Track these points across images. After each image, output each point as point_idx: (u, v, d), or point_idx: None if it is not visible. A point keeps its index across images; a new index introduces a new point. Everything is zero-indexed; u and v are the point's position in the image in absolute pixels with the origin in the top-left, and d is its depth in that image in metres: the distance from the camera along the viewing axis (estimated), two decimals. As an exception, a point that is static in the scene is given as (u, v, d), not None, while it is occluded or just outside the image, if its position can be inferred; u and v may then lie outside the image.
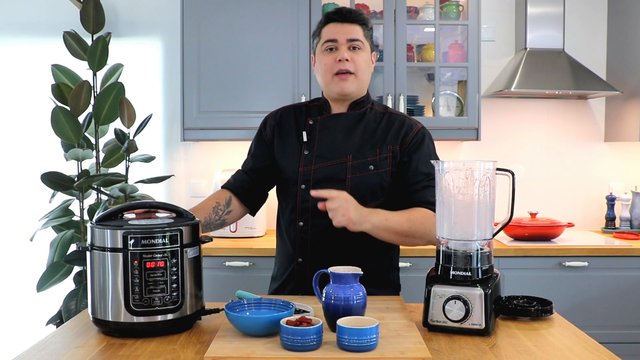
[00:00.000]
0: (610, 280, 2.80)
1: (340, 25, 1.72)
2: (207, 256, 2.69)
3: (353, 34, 1.72)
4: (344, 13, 1.73)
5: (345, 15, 1.73)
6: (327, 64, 1.72)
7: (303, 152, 1.76)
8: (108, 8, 3.18)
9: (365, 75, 1.76)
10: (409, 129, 1.76)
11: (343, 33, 1.71)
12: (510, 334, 1.40)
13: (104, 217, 1.42)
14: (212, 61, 2.98)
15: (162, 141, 3.34)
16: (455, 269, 1.40)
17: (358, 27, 1.73)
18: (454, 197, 1.41)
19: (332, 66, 1.71)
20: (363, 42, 1.73)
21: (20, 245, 3.20)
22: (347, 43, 1.71)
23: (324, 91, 1.80)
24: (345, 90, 1.73)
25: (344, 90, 1.72)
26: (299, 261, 1.75)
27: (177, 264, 1.37)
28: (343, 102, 1.79)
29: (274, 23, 2.97)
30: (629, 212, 3.22)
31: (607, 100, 3.36)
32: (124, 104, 2.81)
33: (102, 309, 1.36)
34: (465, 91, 3.03)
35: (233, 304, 1.38)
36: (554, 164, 3.38)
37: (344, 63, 1.70)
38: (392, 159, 1.73)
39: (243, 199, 1.84)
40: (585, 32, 3.35)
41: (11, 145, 3.34)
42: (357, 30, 1.73)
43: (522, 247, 2.79)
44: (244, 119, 2.98)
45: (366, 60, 1.75)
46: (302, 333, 1.20)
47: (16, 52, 3.32)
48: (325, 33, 1.74)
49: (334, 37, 1.72)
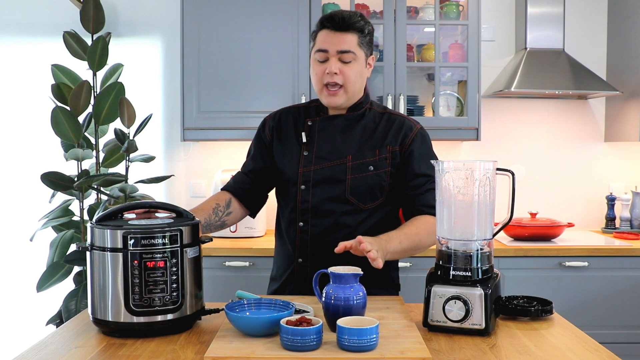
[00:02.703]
0: (610, 280, 2.80)
1: (333, 34, 1.67)
2: (207, 256, 2.69)
3: (344, 45, 1.67)
4: (336, 21, 1.66)
5: (338, 24, 1.66)
6: (318, 74, 1.71)
7: (302, 153, 1.76)
8: (108, 8, 3.18)
9: (356, 86, 1.73)
10: (408, 130, 1.76)
11: (334, 43, 1.67)
12: (510, 334, 1.40)
13: (104, 217, 1.42)
14: (212, 61, 2.98)
15: (162, 141, 3.34)
16: (455, 269, 1.40)
17: (352, 35, 1.67)
18: (454, 197, 1.41)
19: (322, 77, 1.70)
20: (355, 53, 1.68)
21: (20, 245, 3.20)
22: (337, 55, 1.67)
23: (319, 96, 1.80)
24: (333, 104, 1.73)
25: (331, 103, 1.73)
26: (299, 262, 1.75)
27: (177, 264, 1.37)
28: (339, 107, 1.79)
29: (274, 23, 2.97)
30: (629, 212, 3.22)
31: (607, 100, 3.36)
32: (124, 104, 2.81)
33: (102, 309, 1.36)
34: (465, 91, 3.03)
35: (233, 304, 1.38)
36: (554, 164, 3.38)
37: (332, 76, 1.68)
38: (391, 160, 1.73)
39: (243, 200, 1.84)
40: (585, 32, 3.35)
41: (11, 145, 3.34)
42: (349, 40, 1.67)
43: (522, 247, 2.79)
44: (243, 119, 2.98)
45: (357, 72, 1.71)
46: (302, 333, 1.20)
47: (16, 52, 3.32)
48: (318, 41, 1.71)
49: (325, 47, 1.68)
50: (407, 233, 1.64)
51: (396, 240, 1.59)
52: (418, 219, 1.70)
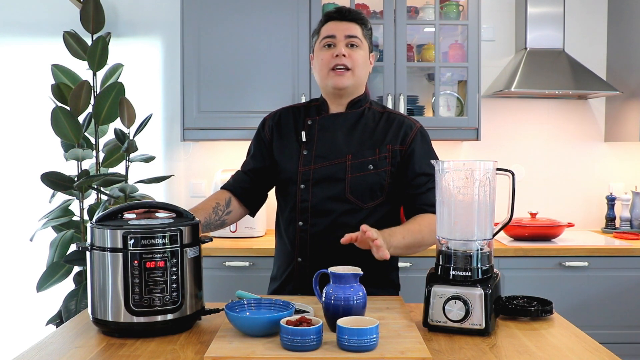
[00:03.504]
0: (610, 280, 2.80)
1: (340, 22, 1.75)
2: (207, 256, 2.69)
3: (351, 31, 1.73)
4: (343, 12, 1.76)
5: (344, 14, 1.75)
6: (324, 59, 1.73)
7: (302, 152, 1.76)
8: (108, 8, 3.18)
9: (362, 72, 1.77)
10: (408, 129, 1.77)
11: (341, 30, 1.73)
12: (510, 334, 1.40)
13: (103, 217, 1.42)
14: (212, 61, 2.98)
15: (162, 141, 3.34)
16: (455, 269, 1.40)
17: (357, 25, 1.75)
18: (454, 197, 1.41)
19: (329, 61, 1.73)
20: (361, 40, 1.75)
21: (20, 245, 3.20)
22: (345, 39, 1.73)
23: (321, 87, 1.81)
24: (340, 85, 1.73)
25: (338, 84, 1.73)
26: (299, 261, 1.75)
27: (177, 264, 1.37)
28: (341, 101, 1.79)
29: (274, 23, 2.97)
30: (629, 212, 3.22)
31: (607, 100, 3.36)
32: (124, 104, 2.81)
33: (102, 309, 1.36)
34: (465, 91, 3.03)
35: (233, 304, 1.38)
36: (554, 164, 3.38)
37: (340, 58, 1.71)
38: (391, 159, 1.74)
39: (242, 199, 1.85)
40: (585, 32, 3.35)
41: (11, 145, 3.34)
42: (355, 28, 1.75)
43: (522, 247, 2.79)
44: (244, 119, 2.98)
45: (364, 58, 1.76)
46: (302, 333, 1.19)
47: (16, 52, 3.32)
48: (324, 30, 1.76)
49: (333, 33, 1.73)
50: (410, 229, 1.64)
51: (399, 235, 1.60)
52: (421, 216, 1.70)
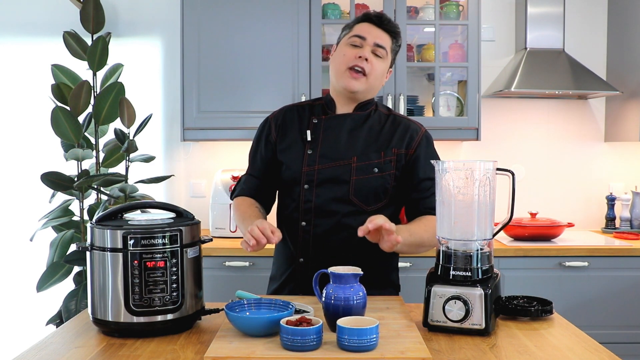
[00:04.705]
0: (610, 280, 2.80)
1: (375, 28, 1.74)
2: (207, 256, 2.69)
3: (382, 41, 1.73)
4: (382, 19, 1.75)
5: (382, 21, 1.74)
6: (347, 54, 1.72)
7: (306, 151, 1.75)
8: (108, 8, 3.18)
9: (376, 83, 1.76)
10: (414, 133, 1.77)
11: (374, 35, 1.73)
12: (510, 334, 1.40)
13: (103, 217, 1.42)
14: (212, 61, 2.98)
15: (162, 141, 3.34)
16: (455, 269, 1.40)
17: (389, 37, 1.75)
18: (454, 197, 1.41)
19: (351, 59, 1.71)
20: (387, 53, 1.74)
21: (20, 245, 3.20)
22: (373, 46, 1.72)
23: (333, 82, 1.79)
24: (352, 88, 1.72)
25: (351, 86, 1.72)
26: (300, 261, 1.75)
27: (177, 264, 1.37)
28: (349, 101, 1.78)
29: (274, 23, 2.97)
30: (629, 212, 3.22)
31: (607, 100, 3.36)
32: (123, 104, 2.81)
33: (102, 309, 1.36)
34: (465, 91, 3.03)
35: (233, 304, 1.38)
36: (554, 164, 3.38)
37: (362, 61, 1.70)
38: (396, 162, 1.73)
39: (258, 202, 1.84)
40: (585, 32, 3.35)
41: (11, 145, 3.34)
42: (387, 39, 1.74)
43: (522, 247, 2.79)
44: (244, 119, 2.98)
45: (382, 70, 1.75)
46: (302, 333, 1.19)
47: (16, 52, 3.32)
48: (358, 29, 1.74)
49: (364, 35, 1.72)
50: (415, 228, 1.65)
51: (406, 232, 1.60)
52: (425, 218, 1.70)
